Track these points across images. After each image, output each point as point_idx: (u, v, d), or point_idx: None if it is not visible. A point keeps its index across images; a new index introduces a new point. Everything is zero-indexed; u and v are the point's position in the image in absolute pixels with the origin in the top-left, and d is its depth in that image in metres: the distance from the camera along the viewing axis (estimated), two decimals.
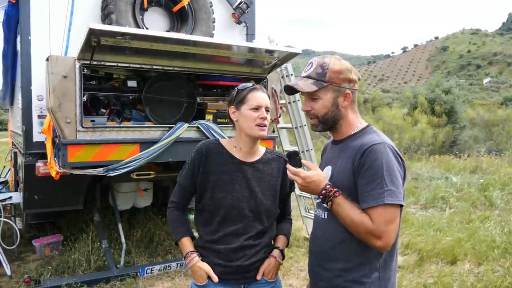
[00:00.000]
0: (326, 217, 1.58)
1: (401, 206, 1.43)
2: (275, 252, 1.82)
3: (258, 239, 1.76)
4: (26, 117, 3.68)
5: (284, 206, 1.93)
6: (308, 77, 1.55)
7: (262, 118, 1.72)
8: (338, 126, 1.59)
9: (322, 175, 1.53)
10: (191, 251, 1.78)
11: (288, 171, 1.55)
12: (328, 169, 1.60)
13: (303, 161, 1.57)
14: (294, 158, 1.57)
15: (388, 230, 1.39)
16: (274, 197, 1.82)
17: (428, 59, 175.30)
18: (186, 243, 1.80)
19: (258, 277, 1.76)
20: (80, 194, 4.17)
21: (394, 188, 1.40)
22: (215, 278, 1.71)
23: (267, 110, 1.76)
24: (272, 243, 1.88)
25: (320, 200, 1.54)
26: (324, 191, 1.47)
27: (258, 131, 1.73)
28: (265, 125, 1.74)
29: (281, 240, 1.88)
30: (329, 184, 1.49)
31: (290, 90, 1.62)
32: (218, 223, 1.74)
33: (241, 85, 1.81)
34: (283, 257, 1.85)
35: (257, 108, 1.73)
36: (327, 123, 1.57)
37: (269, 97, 1.83)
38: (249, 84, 1.80)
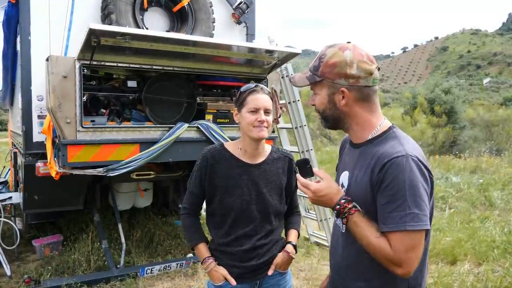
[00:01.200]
0: (343, 230, 1.43)
1: (427, 230, 1.24)
2: (289, 247, 1.85)
3: (268, 237, 1.79)
4: (26, 117, 3.68)
5: (291, 201, 1.95)
6: (309, 69, 1.42)
7: (260, 121, 1.72)
8: (346, 126, 1.41)
9: (335, 187, 1.35)
10: (208, 257, 1.81)
11: (298, 183, 1.41)
12: (345, 176, 1.44)
13: (314, 169, 1.41)
14: (304, 167, 1.42)
15: (410, 257, 1.21)
16: (281, 196, 1.84)
17: (428, 59, 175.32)
18: (202, 249, 1.83)
19: (270, 272, 1.79)
20: (80, 194, 4.17)
21: (418, 211, 1.20)
22: (233, 281, 1.74)
23: (267, 112, 1.75)
24: (283, 236, 1.92)
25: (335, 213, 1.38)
26: (338, 206, 1.31)
27: (257, 133, 1.73)
28: (264, 126, 1.74)
29: (293, 235, 1.91)
30: (343, 199, 1.32)
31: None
32: (229, 226, 1.77)
33: (244, 87, 1.81)
34: (296, 251, 1.88)
35: (255, 111, 1.73)
36: (327, 120, 1.43)
37: (271, 98, 1.82)
38: (252, 85, 1.79)
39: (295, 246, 1.88)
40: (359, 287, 1.37)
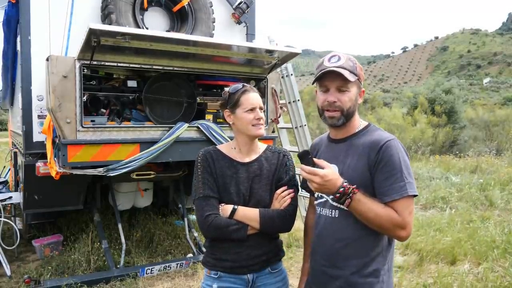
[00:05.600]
0: (336, 216, 1.59)
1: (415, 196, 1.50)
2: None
3: (261, 232, 1.77)
4: (26, 117, 3.68)
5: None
6: (343, 67, 1.54)
7: (257, 118, 1.77)
8: (348, 122, 1.61)
9: (337, 173, 1.52)
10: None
11: (302, 172, 1.50)
12: (335, 168, 1.58)
13: (315, 159, 1.53)
14: (306, 157, 1.52)
15: (411, 220, 1.46)
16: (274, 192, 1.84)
17: (428, 59, 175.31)
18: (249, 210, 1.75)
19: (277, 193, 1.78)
20: (80, 194, 4.17)
21: (412, 180, 1.47)
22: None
23: (261, 109, 1.81)
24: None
25: (334, 198, 1.51)
26: (342, 189, 1.46)
27: (256, 131, 1.78)
28: (262, 124, 1.80)
29: None
30: (345, 182, 1.48)
31: (319, 77, 1.56)
32: None
33: (232, 88, 1.83)
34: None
35: (251, 110, 1.77)
36: (348, 117, 1.59)
37: (266, 95, 1.84)
38: (239, 86, 1.82)
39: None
40: (353, 265, 1.54)
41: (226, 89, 1.86)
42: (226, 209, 1.73)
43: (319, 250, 1.66)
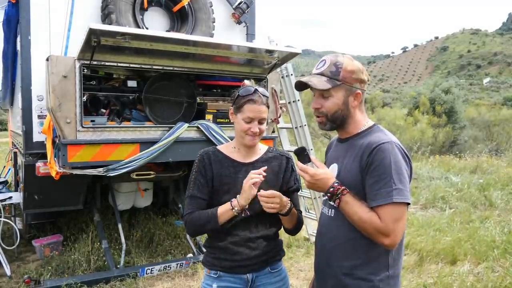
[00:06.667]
0: (332, 215, 1.59)
1: (408, 204, 1.43)
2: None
3: (259, 232, 1.78)
4: (26, 117, 3.68)
5: (291, 200, 1.82)
6: (321, 74, 1.55)
7: (252, 131, 1.75)
8: (345, 125, 1.59)
9: (329, 173, 1.53)
10: (231, 201, 1.71)
11: (296, 167, 1.56)
12: (335, 167, 1.61)
13: (311, 157, 1.57)
14: (302, 154, 1.57)
15: (396, 228, 1.40)
16: None
17: (428, 59, 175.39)
18: (222, 206, 1.71)
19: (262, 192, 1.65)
20: (80, 194, 4.17)
21: (402, 187, 1.41)
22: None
23: (261, 121, 1.77)
24: (277, 234, 1.90)
25: (327, 197, 1.55)
26: (331, 189, 1.48)
27: (248, 141, 1.77)
28: (256, 136, 1.77)
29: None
30: (336, 182, 1.49)
31: (301, 86, 1.61)
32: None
33: (243, 90, 1.79)
34: (290, 211, 1.74)
35: (250, 121, 1.75)
36: (335, 121, 1.58)
37: (267, 106, 1.81)
38: (251, 90, 1.78)
39: (290, 207, 1.75)
40: (344, 266, 1.53)
41: (244, 83, 1.85)
42: (224, 206, 1.71)
43: (318, 247, 1.68)
